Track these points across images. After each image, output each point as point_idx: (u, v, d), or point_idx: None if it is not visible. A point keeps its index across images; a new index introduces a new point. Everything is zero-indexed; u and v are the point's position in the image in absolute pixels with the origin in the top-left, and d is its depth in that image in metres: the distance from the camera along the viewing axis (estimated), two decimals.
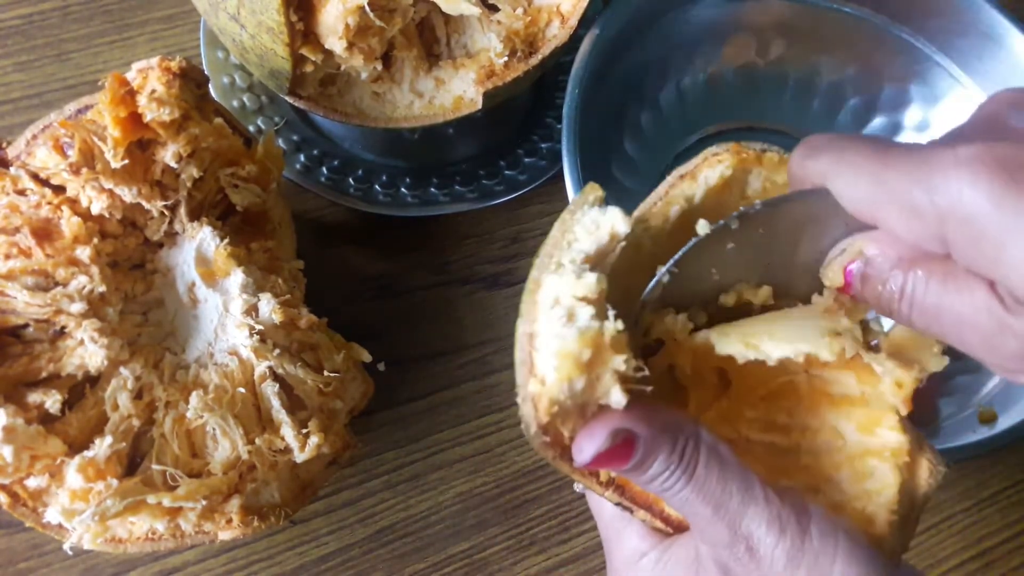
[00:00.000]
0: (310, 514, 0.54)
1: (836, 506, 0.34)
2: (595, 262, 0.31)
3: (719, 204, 0.37)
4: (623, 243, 0.32)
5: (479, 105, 0.54)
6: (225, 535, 0.43)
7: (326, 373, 0.46)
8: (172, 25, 0.66)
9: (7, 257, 0.42)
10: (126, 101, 0.42)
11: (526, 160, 0.63)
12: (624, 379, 0.30)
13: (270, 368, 0.44)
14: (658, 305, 0.35)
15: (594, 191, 0.33)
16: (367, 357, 0.48)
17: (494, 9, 0.53)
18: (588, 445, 0.30)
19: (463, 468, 0.56)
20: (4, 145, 0.45)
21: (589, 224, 0.31)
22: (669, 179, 0.37)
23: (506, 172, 0.62)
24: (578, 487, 0.39)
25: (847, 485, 0.35)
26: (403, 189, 0.61)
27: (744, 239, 0.34)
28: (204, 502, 0.42)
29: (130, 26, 0.66)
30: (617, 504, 0.35)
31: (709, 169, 0.37)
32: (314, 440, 0.43)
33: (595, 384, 0.30)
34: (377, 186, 0.60)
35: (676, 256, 0.34)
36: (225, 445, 0.43)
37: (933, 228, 0.28)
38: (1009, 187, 0.26)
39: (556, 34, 0.53)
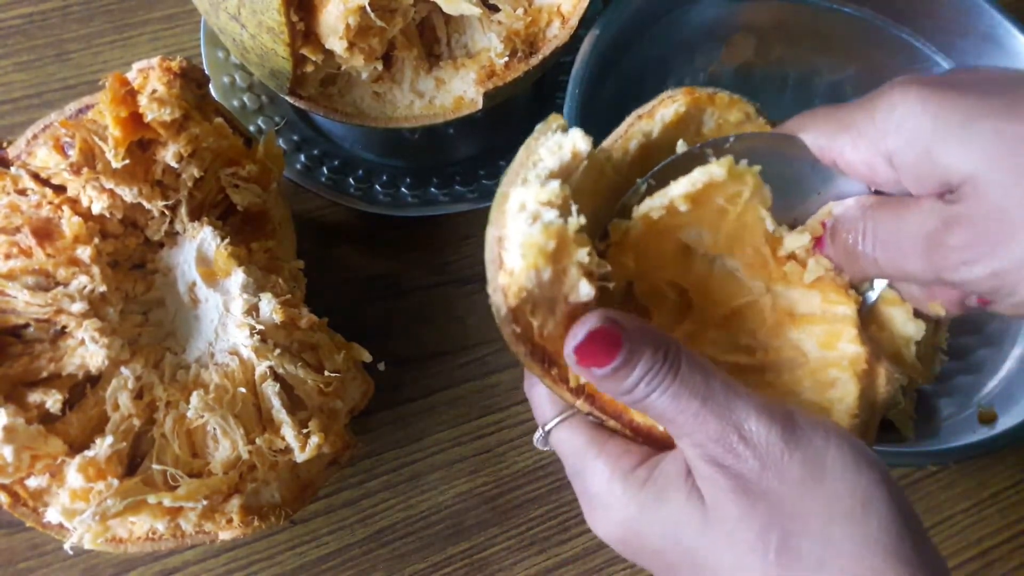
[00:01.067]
0: (310, 514, 0.54)
1: None
2: (559, 177, 0.33)
3: (676, 139, 0.38)
4: (585, 162, 0.34)
5: (479, 105, 0.54)
6: (225, 535, 0.43)
7: (326, 373, 0.46)
8: (172, 25, 0.66)
9: (8, 257, 0.42)
10: (127, 101, 0.42)
11: None
12: (588, 274, 0.31)
13: (271, 368, 0.44)
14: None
15: (556, 120, 0.35)
16: (367, 357, 0.48)
17: (494, 9, 0.54)
18: (581, 328, 0.31)
19: (463, 468, 0.56)
20: (5, 145, 0.45)
21: (552, 145, 0.34)
22: (628, 119, 0.39)
23: None
24: (538, 441, 0.39)
25: (810, 396, 0.36)
26: (403, 189, 0.61)
27: None
28: (204, 502, 0.42)
29: (130, 26, 0.66)
30: (588, 414, 0.36)
31: (664, 108, 0.38)
32: (314, 440, 0.43)
33: (562, 278, 0.31)
34: (377, 186, 0.60)
35: (656, 168, 0.36)
36: (225, 445, 0.43)
37: (877, 144, 0.33)
38: (934, 92, 0.32)
39: (556, 34, 0.53)
